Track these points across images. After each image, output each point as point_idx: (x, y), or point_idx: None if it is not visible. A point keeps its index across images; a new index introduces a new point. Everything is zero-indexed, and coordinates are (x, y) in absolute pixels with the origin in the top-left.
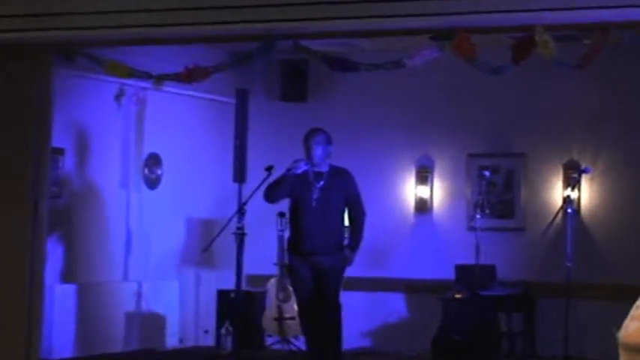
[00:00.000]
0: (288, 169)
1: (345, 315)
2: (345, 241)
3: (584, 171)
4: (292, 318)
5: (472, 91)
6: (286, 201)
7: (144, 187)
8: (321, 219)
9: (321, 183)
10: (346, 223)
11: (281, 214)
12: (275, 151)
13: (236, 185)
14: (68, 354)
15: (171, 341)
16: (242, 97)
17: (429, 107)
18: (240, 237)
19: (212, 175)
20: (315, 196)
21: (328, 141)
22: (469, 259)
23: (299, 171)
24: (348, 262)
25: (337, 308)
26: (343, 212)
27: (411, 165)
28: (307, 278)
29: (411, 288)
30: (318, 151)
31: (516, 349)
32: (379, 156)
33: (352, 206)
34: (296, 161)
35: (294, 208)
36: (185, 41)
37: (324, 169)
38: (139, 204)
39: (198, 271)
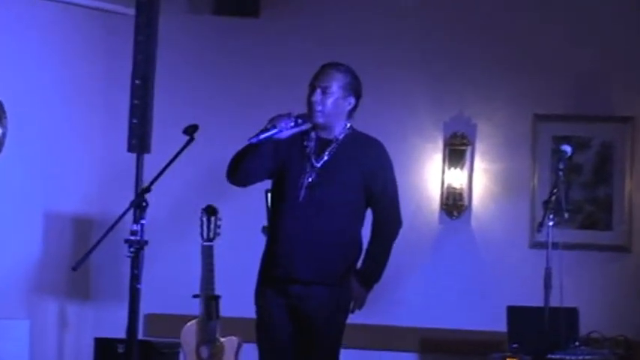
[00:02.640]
0: (259, 133)
1: None
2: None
3: None
4: None
5: (543, 6)
6: (224, 189)
7: None
8: (314, 221)
9: (325, 158)
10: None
11: (209, 210)
12: (203, 100)
13: (133, 157)
14: None
15: None
16: (146, 8)
17: (467, 34)
18: (138, 248)
19: (92, 138)
20: (307, 180)
21: (350, 86)
22: (533, 298)
23: (283, 134)
24: (356, 302)
25: None
26: (358, 213)
27: (435, 132)
28: (281, 324)
29: (430, 344)
30: (327, 102)
31: None
32: (379, 115)
33: (378, 205)
34: (278, 117)
35: (273, 199)
36: None
37: (338, 134)
38: None
39: (63, 305)
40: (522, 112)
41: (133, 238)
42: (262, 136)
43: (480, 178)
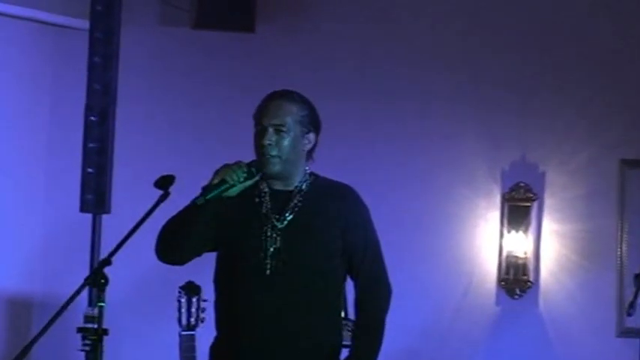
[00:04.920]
0: (204, 190)
1: None
2: (343, 354)
3: None
4: None
5: (629, 27)
6: (207, 262)
7: None
8: (284, 301)
9: (289, 217)
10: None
11: (189, 289)
12: (180, 143)
13: (87, 219)
14: None
15: None
16: (104, 20)
17: (532, 58)
18: (95, 339)
19: (32, 194)
20: (270, 249)
21: (309, 119)
22: None
23: (234, 190)
24: None
25: None
26: (340, 282)
27: (491, 183)
28: None
29: None
30: (283, 144)
31: None
32: (415, 161)
33: (361, 269)
34: (226, 168)
35: (222, 276)
36: None
37: (299, 184)
38: None
39: None
40: (606, 157)
41: (88, 325)
42: (211, 195)
43: (549, 244)
